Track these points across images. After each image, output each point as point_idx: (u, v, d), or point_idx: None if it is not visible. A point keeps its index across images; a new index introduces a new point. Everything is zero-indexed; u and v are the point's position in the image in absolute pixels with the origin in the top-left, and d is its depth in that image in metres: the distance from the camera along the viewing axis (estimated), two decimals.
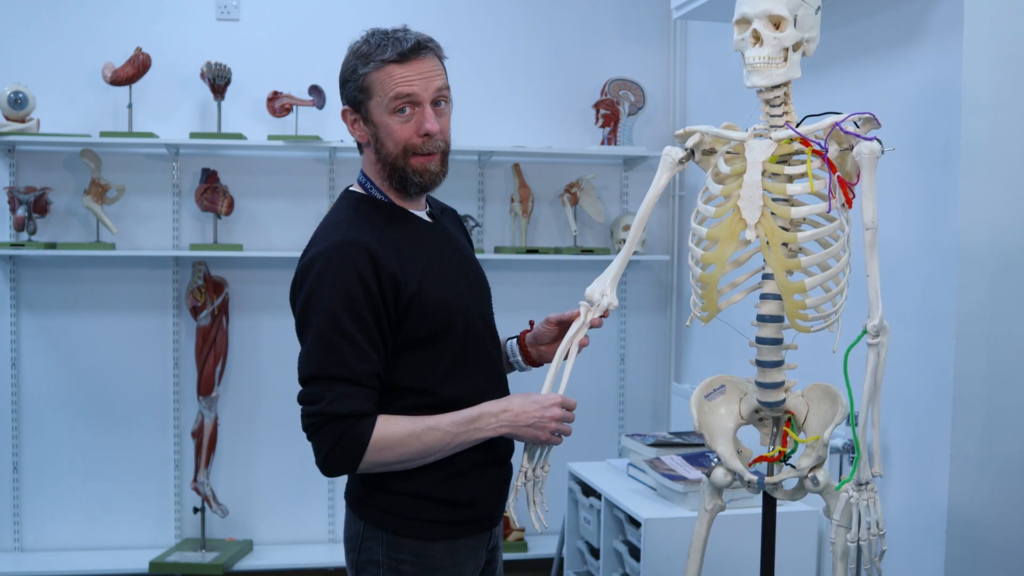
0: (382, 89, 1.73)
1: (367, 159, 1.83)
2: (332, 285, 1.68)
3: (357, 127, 1.80)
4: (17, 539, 3.88)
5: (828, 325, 1.75)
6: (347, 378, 1.66)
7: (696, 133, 1.86)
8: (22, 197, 3.68)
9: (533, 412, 1.74)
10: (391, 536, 1.77)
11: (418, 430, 1.69)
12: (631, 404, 4.27)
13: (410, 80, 1.73)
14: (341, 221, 1.77)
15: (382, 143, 1.77)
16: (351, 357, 1.67)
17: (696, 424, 1.87)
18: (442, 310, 1.75)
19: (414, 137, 1.75)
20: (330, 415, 1.65)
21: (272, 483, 4.03)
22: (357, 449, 1.66)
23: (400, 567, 1.76)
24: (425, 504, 1.77)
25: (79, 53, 3.82)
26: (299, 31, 3.97)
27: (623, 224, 4.02)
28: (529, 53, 4.11)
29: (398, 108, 1.74)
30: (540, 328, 1.96)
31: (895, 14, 2.60)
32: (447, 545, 1.79)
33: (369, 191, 1.83)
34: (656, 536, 2.72)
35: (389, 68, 1.73)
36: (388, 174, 1.79)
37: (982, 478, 2.35)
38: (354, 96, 1.77)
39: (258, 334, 3.97)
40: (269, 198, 3.97)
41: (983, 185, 2.31)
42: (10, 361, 3.85)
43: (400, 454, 1.69)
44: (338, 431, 1.66)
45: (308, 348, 1.70)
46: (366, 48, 1.76)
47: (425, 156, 1.77)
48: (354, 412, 1.66)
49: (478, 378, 1.82)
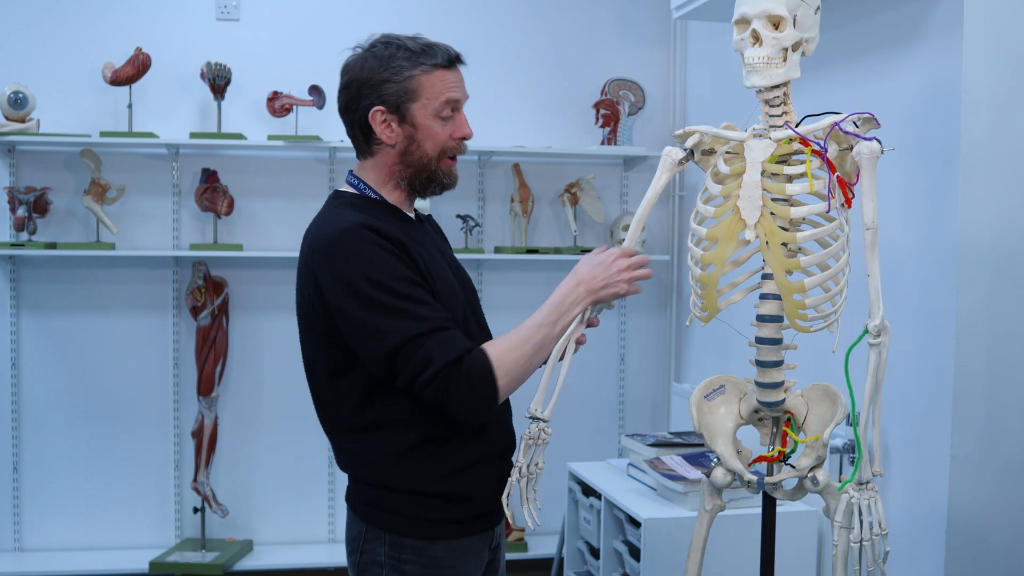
0: (432, 92, 1.75)
1: (378, 162, 1.81)
2: (369, 257, 1.66)
3: (388, 128, 1.77)
4: (17, 539, 3.88)
5: (827, 325, 1.75)
6: (432, 329, 1.65)
7: (696, 133, 1.85)
8: (22, 197, 3.68)
9: (601, 275, 1.75)
10: (393, 536, 1.76)
11: (524, 335, 1.70)
12: (631, 404, 4.27)
13: (458, 86, 1.79)
14: (344, 214, 1.74)
15: (419, 145, 1.77)
16: (423, 311, 1.66)
17: (696, 424, 1.87)
18: (448, 306, 1.75)
19: (451, 140, 1.79)
20: (449, 363, 1.63)
21: (272, 483, 4.03)
22: (489, 377, 1.65)
23: (403, 567, 1.76)
24: (426, 502, 1.76)
25: (79, 53, 3.82)
26: (299, 31, 3.97)
27: (623, 224, 4.02)
28: (529, 53, 4.11)
29: (446, 112, 1.76)
30: None
31: (895, 14, 2.60)
32: (449, 544, 1.78)
33: (363, 191, 1.83)
34: (656, 536, 2.72)
35: (440, 72, 1.76)
36: (410, 176, 1.80)
37: (982, 478, 2.35)
38: (395, 97, 1.75)
39: (258, 334, 3.97)
40: (269, 198, 3.97)
41: (983, 185, 2.31)
42: (10, 361, 3.85)
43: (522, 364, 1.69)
44: (465, 373, 1.64)
45: (378, 323, 1.64)
46: (407, 52, 1.75)
47: (452, 160, 1.82)
48: (462, 349, 1.65)
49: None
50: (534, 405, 1.78)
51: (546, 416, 1.79)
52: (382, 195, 1.82)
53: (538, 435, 1.79)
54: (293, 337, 1.80)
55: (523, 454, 1.80)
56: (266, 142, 3.80)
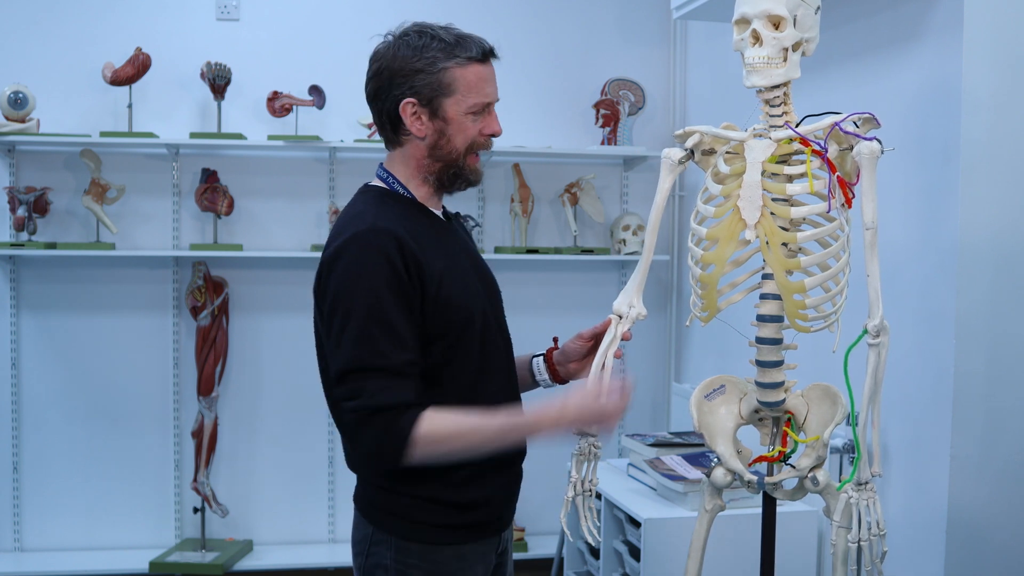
0: (466, 87, 1.71)
1: (407, 154, 1.77)
2: (363, 274, 1.62)
3: (418, 120, 1.72)
4: (17, 539, 3.88)
5: (828, 325, 1.75)
6: (386, 368, 1.61)
7: (696, 133, 1.86)
8: (22, 197, 3.68)
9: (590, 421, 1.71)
10: (400, 541, 1.74)
11: (464, 429, 1.64)
12: (631, 404, 4.25)
13: (491, 82, 1.75)
14: (366, 211, 1.71)
15: (448, 139, 1.73)
16: (388, 346, 1.61)
17: (696, 424, 1.87)
18: (462, 308, 1.72)
19: (479, 136, 1.75)
20: (373, 408, 1.60)
21: (272, 483, 4.03)
22: (401, 442, 1.60)
23: (408, 571, 1.74)
24: (435, 508, 1.74)
25: (79, 53, 3.82)
26: (299, 31, 3.97)
27: (623, 224, 4.02)
28: (529, 53, 4.11)
29: (478, 109, 1.73)
30: (570, 344, 1.92)
31: (895, 14, 2.60)
32: (455, 550, 1.77)
33: (392, 186, 1.78)
34: (656, 536, 2.72)
35: (474, 67, 1.72)
36: (438, 171, 1.76)
37: (982, 478, 2.35)
38: (429, 89, 1.70)
39: (258, 334, 3.97)
40: (269, 198, 3.97)
41: (983, 185, 2.31)
42: (10, 361, 3.85)
43: (446, 451, 1.64)
44: (383, 424, 1.60)
45: (343, 341, 1.63)
46: (441, 43, 1.71)
47: (478, 156, 1.77)
48: (399, 403, 1.61)
49: (493, 376, 1.80)
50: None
51: (595, 431, 1.78)
52: (410, 190, 1.78)
53: (588, 450, 1.81)
54: (293, 337, 1.80)
55: (575, 469, 1.81)
56: (266, 142, 3.80)
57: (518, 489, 1.88)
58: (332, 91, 3.87)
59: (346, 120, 3.93)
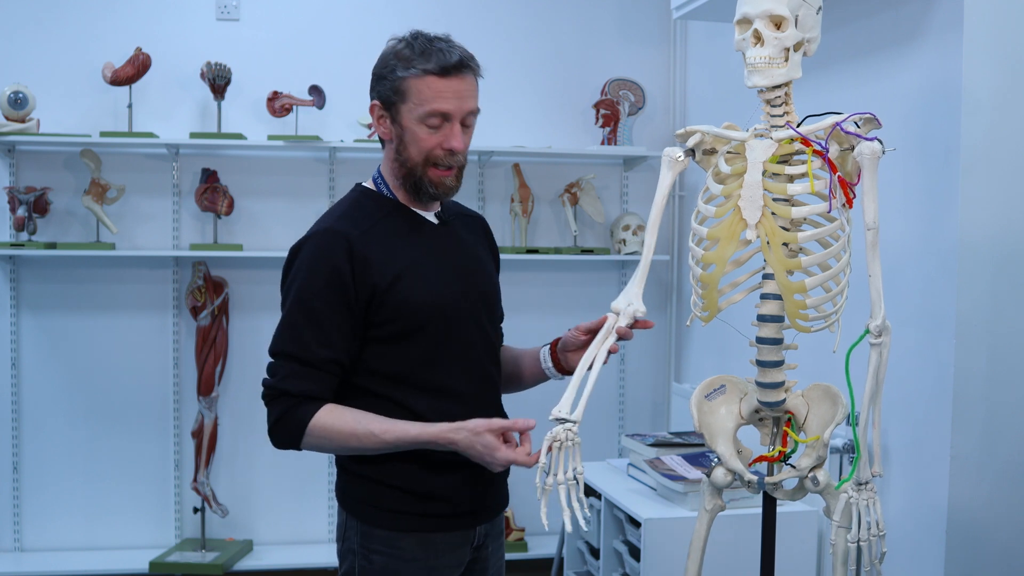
0: (418, 98, 1.74)
1: (386, 155, 1.85)
2: (308, 270, 1.75)
3: (383, 124, 1.81)
4: (17, 539, 3.88)
5: (828, 325, 1.75)
6: (301, 359, 1.74)
7: (697, 133, 1.86)
8: (22, 197, 3.68)
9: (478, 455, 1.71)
10: (364, 526, 1.80)
11: (359, 431, 1.72)
12: (631, 404, 4.27)
13: (446, 97, 1.74)
14: (335, 211, 1.85)
15: (405, 147, 1.78)
16: (311, 340, 1.73)
17: (696, 424, 1.87)
18: (417, 310, 1.76)
19: (438, 149, 1.77)
20: (280, 391, 1.74)
21: (272, 483, 4.03)
22: (296, 429, 1.73)
23: (371, 556, 1.79)
24: (396, 495, 1.78)
25: (79, 53, 3.82)
26: (299, 31, 3.97)
27: (623, 224, 4.02)
28: (529, 53, 4.11)
29: (434, 122, 1.75)
30: (569, 335, 1.93)
31: (895, 14, 2.61)
32: (419, 538, 1.79)
33: (379, 187, 1.86)
34: (656, 536, 2.72)
35: (429, 79, 1.73)
36: (404, 176, 1.81)
37: (982, 478, 2.35)
38: (387, 95, 1.78)
39: (258, 334, 3.96)
40: (269, 198, 3.97)
41: (983, 185, 2.31)
42: (10, 361, 3.85)
43: (336, 446, 1.75)
44: (283, 407, 1.74)
45: (278, 326, 1.79)
46: (408, 52, 1.75)
47: (444, 170, 1.79)
48: (301, 392, 1.73)
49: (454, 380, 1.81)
50: (561, 408, 1.71)
51: (575, 417, 1.71)
52: (395, 192, 1.84)
53: (565, 437, 1.68)
54: None
55: (543, 456, 1.68)
56: (266, 142, 3.80)
57: (491, 487, 1.87)
58: (332, 91, 3.87)
59: (346, 120, 3.94)
